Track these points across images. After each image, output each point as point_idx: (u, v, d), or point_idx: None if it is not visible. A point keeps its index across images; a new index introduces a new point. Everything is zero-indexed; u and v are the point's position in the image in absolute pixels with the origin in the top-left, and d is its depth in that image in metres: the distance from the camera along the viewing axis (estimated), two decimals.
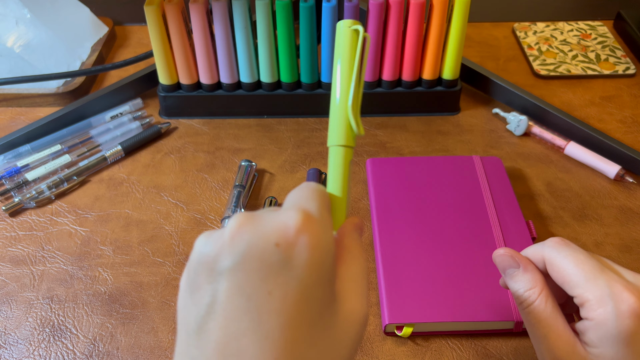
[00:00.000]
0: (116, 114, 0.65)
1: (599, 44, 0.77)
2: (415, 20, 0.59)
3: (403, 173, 0.55)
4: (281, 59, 0.61)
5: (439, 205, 0.51)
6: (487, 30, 0.81)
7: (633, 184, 0.57)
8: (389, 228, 0.50)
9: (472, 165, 0.55)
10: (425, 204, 0.51)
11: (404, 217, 0.50)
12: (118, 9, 0.88)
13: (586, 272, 0.32)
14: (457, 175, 0.54)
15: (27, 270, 0.50)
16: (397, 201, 0.52)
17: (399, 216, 0.51)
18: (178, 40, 0.60)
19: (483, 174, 0.54)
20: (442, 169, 0.55)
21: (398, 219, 0.50)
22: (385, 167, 0.56)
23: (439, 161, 0.56)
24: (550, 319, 0.33)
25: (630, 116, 0.66)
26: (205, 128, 0.65)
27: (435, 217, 0.50)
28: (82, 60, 0.73)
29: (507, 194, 0.52)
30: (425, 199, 0.52)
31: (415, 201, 0.52)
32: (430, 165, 0.55)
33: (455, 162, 0.56)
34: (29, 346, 0.45)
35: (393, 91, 0.64)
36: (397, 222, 0.50)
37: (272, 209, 0.28)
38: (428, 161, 0.56)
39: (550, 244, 0.35)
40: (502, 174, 0.55)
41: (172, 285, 0.49)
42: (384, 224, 0.50)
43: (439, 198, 0.52)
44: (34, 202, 0.56)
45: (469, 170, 0.55)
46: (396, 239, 0.49)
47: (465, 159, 0.56)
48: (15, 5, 0.68)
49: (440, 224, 0.50)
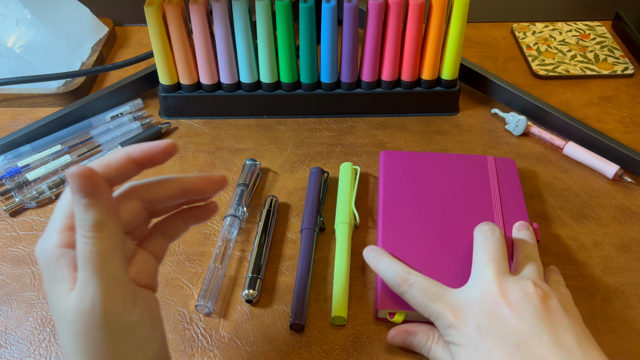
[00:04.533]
0: (116, 114, 0.65)
1: (597, 44, 0.77)
2: (414, 21, 0.59)
3: (415, 167, 0.55)
4: (281, 59, 0.62)
5: (446, 201, 0.52)
6: (486, 31, 0.81)
7: (631, 184, 0.57)
8: (393, 218, 0.50)
9: (485, 165, 0.55)
10: (433, 199, 0.52)
11: (410, 210, 0.51)
12: (118, 10, 0.88)
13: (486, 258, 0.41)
14: (469, 173, 0.54)
15: (27, 270, 0.50)
16: (405, 194, 0.52)
17: (404, 208, 0.51)
18: (178, 40, 0.60)
19: (495, 174, 0.54)
20: (455, 167, 0.55)
21: (404, 211, 0.51)
22: (397, 160, 0.56)
23: (452, 158, 0.56)
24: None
25: (629, 116, 0.66)
26: (205, 128, 0.65)
27: (441, 213, 0.50)
28: (82, 61, 0.73)
29: (516, 196, 0.52)
30: (434, 194, 0.52)
31: (422, 195, 0.52)
32: (443, 162, 0.56)
33: (468, 160, 0.56)
34: (29, 346, 0.45)
35: (392, 91, 0.64)
36: (402, 214, 0.51)
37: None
38: (441, 158, 0.56)
39: (483, 228, 0.44)
40: (514, 177, 0.55)
41: (172, 285, 0.49)
42: (389, 214, 0.51)
43: (447, 195, 0.52)
44: (35, 202, 0.56)
45: (481, 170, 0.55)
46: (399, 230, 0.49)
47: (479, 158, 0.56)
48: (15, 5, 0.68)
49: (445, 220, 0.50)
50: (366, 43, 0.60)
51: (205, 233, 0.53)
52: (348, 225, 0.51)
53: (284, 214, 0.55)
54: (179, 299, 0.48)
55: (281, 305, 0.47)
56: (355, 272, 0.49)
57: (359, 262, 0.50)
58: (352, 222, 0.52)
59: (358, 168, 0.58)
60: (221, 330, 0.45)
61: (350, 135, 0.64)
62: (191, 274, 0.50)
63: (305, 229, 0.51)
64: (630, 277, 0.49)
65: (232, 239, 0.51)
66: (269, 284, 0.49)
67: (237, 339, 0.45)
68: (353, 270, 0.49)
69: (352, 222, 0.52)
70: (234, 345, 0.44)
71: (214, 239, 0.52)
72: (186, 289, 0.48)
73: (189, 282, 0.49)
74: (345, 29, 0.59)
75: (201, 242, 0.52)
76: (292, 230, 0.53)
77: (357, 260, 0.50)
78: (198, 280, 0.49)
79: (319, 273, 0.49)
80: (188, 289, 0.48)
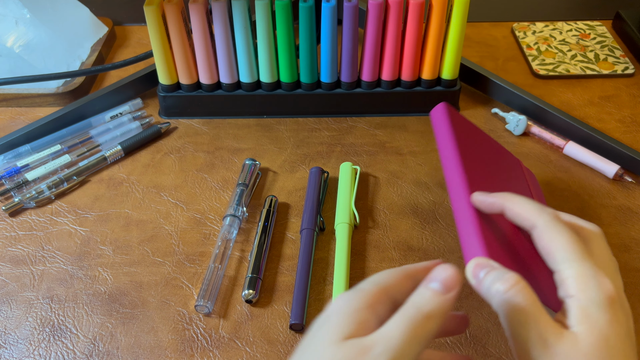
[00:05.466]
0: (116, 114, 0.65)
1: (597, 43, 0.77)
2: (414, 20, 0.59)
3: (470, 131, 0.45)
4: (281, 59, 0.61)
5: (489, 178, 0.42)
6: (486, 30, 0.81)
7: (632, 184, 0.57)
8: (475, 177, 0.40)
9: (519, 165, 0.51)
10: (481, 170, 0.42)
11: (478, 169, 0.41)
12: (118, 9, 0.88)
13: (576, 251, 0.32)
14: (508, 165, 0.48)
15: (27, 270, 0.50)
16: (470, 152, 0.42)
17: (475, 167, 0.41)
18: (178, 40, 0.60)
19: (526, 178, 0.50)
20: (497, 150, 0.48)
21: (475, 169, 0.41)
22: (457, 116, 0.45)
23: (492, 142, 0.48)
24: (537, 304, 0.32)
25: (629, 116, 0.66)
26: (205, 128, 0.65)
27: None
28: (81, 60, 0.73)
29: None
30: (483, 166, 0.43)
31: (476, 161, 0.42)
32: (487, 139, 0.48)
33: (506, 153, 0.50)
34: (29, 346, 0.45)
35: (392, 91, 0.64)
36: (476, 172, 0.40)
37: None
38: (484, 136, 0.48)
39: (546, 217, 0.34)
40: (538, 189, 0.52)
41: (172, 285, 0.49)
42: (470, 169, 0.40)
43: (491, 173, 0.44)
44: (34, 202, 0.56)
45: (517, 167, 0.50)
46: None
47: (513, 157, 0.50)
48: (15, 5, 0.68)
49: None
50: (366, 43, 0.60)
51: (205, 233, 0.53)
52: (348, 225, 0.51)
53: (283, 214, 0.55)
54: (178, 299, 0.48)
55: (281, 305, 0.47)
56: (355, 272, 0.49)
57: (359, 262, 0.50)
58: (352, 222, 0.52)
59: (358, 168, 0.58)
60: (221, 331, 0.45)
61: (350, 135, 0.64)
62: (191, 274, 0.50)
63: (305, 229, 0.51)
64: (630, 277, 0.49)
65: (231, 239, 0.51)
66: (269, 284, 0.49)
67: (237, 339, 0.45)
68: (353, 270, 0.49)
69: (352, 222, 0.52)
70: (234, 345, 0.44)
71: (213, 239, 0.52)
72: (186, 289, 0.48)
73: (189, 282, 0.49)
74: (345, 29, 0.59)
75: (201, 242, 0.52)
76: (292, 230, 0.53)
77: (357, 260, 0.50)
78: (198, 281, 0.49)
79: (318, 273, 0.49)
80: (188, 289, 0.48)
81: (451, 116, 0.44)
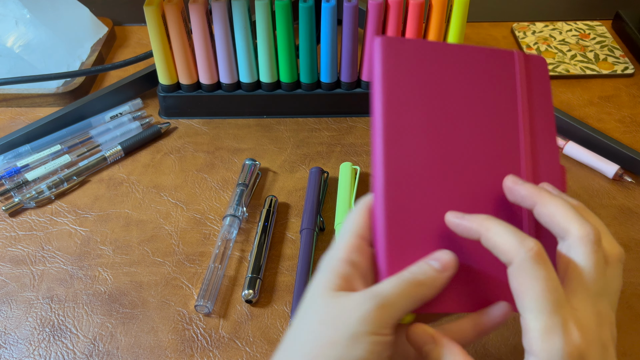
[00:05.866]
0: (116, 114, 0.65)
1: (597, 43, 0.77)
2: (414, 21, 0.59)
3: (426, 67, 0.36)
4: (280, 59, 0.61)
5: (460, 119, 0.36)
6: (486, 30, 0.81)
7: (632, 184, 0.57)
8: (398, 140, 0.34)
9: (512, 64, 0.39)
10: (446, 114, 0.36)
11: (420, 126, 0.35)
12: (118, 9, 0.88)
13: (547, 302, 0.29)
14: (492, 78, 0.39)
15: (27, 270, 0.50)
16: (413, 103, 0.35)
17: (413, 123, 0.35)
18: (178, 40, 0.60)
19: (524, 81, 0.40)
20: (475, 67, 0.38)
21: (412, 128, 0.35)
22: (402, 50, 0.36)
23: (472, 53, 0.38)
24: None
25: (629, 116, 0.66)
26: (205, 128, 0.65)
27: (454, 135, 0.36)
28: (81, 61, 0.73)
29: (547, 112, 0.41)
30: (448, 107, 0.36)
31: (434, 109, 0.36)
32: (460, 59, 0.38)
33: (491, 57, 0.39)
34: (29, 346, 0.45)
35: None
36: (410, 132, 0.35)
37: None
38: (458, 52, 0.38)
39: (523, 255, 0.29)
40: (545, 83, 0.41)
41: (172, 285, 0.49)
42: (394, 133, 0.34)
43: (463, 109, 0.37)
44: (34, 202, 0.56)
45: (506, 73, 0.39)
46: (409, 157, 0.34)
47: (504, 55, 0.39)
48: (15, 5, 0.68)
49: (457, 144, 0.36)
50: (366, 43, 0.60)
51: (205, 233, 0.53)
52: None
53: (283, 214, 0.55)
54: (178, 299, 0.48)
55: (281, 305, 0.47)
56: None
57: None
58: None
59: (358, 168, 0.58)
60: (221, 331, 0.45)
61: (350, 135, 0.64)
62: (191, 274, 0.50)
63: (305, 229, 0.51)
64: (630, 276, 0.49)
65: (231, 239, 0.51)
66: (269, 284, 0.49)
67: (237, 339, 0.45)
68: None
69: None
70: (234, 345, 0.44)
71: (213, 239, 0.52)
72: (186, 289, 0.48)
73: (189, 282, 0.49)
74: (345, 29, 0.59)
75: (201, 242, 0.52)
76: (291, 230, 0.53)
77: None
78: (198, 281, 0.49)
79: None
80: (188, 289, 0.48)
81: (390, 59, 0.35)
